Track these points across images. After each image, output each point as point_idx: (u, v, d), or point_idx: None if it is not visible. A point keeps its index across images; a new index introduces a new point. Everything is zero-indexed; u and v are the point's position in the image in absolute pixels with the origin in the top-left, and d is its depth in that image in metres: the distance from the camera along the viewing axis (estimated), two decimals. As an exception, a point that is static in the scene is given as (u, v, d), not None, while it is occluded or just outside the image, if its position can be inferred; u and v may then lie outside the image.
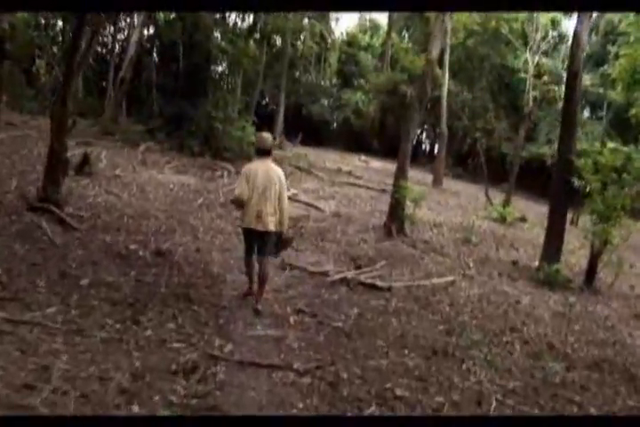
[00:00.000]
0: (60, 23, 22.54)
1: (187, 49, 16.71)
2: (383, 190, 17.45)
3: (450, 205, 17.90)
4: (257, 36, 23.59)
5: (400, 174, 11.08)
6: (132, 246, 7.07)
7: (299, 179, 16.46)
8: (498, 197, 19.89)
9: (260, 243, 5.63)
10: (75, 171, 11.00)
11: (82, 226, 7.53)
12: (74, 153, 11.10)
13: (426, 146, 43.13)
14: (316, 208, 12.50)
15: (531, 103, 19.50)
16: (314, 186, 15.52)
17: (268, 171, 5.54)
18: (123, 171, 12.48)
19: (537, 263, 10.40)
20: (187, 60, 16.70)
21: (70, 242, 6.79)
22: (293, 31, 28.55)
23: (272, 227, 5.52)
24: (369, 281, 7.28)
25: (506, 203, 17.28)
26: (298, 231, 9.89)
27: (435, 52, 10.82)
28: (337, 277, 7.19)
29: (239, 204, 5.59)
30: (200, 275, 6.52)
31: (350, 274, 7.42)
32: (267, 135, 5.93)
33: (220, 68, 17.23)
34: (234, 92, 20.82)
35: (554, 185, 10.63)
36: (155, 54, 20.28)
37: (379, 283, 7.28)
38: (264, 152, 5.70)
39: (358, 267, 8.10)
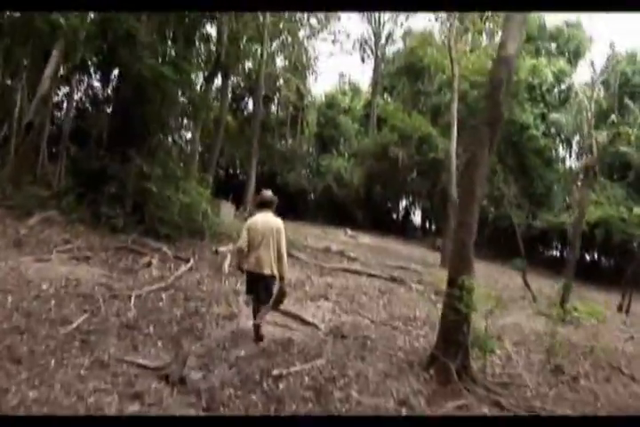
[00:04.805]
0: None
1: (117, 82, 11.66)
2: (393, 279, 12.34)
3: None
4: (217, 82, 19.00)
5: (461, 267, 5.92)
6: None
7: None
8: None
9: (257, 287, 5.94)
10: None
11: None
12: None
13: (414, 217, 38.40)
14: (303, 321, 7.25)
15: (595, 153, 14.66)
16: (296, 276, 10.28)
17: (267, 222, 5.95)
18: (-35, 260, 7.22)
19: None
20: (116, 98, 11.56)
21: None
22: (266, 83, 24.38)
23: (268, 271, 5.83)
24: None
25: (565, 295, 12.07)
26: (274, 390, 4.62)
27: (512, 47, 6.07)
28: None
29: (240, 254, 6.07)
30: None
31: None
32: (267, 191, 6.29)
33: (162, 111, 12.04)
34: (183, 146, 15.73)
35: None
36: (77, 92, 15.15)
37: None
38: (263, 205, 6.16)
39: None
